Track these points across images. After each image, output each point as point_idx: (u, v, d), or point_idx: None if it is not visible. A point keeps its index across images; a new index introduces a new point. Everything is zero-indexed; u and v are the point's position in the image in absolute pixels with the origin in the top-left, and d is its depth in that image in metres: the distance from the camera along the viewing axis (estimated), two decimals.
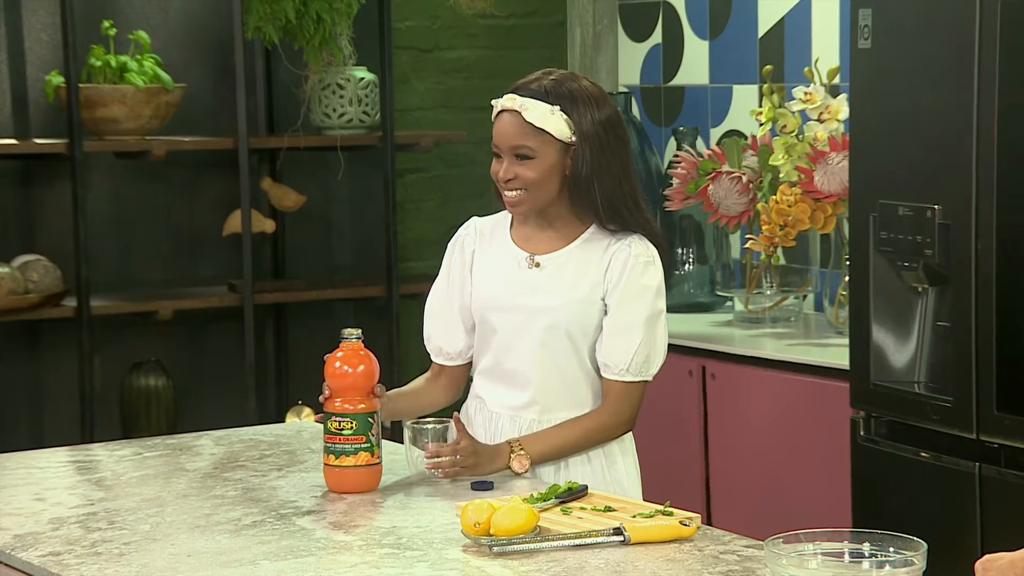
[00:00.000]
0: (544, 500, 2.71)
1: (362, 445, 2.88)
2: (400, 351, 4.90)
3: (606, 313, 3.05)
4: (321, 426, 2.93)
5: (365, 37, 4.93)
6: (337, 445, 2.88)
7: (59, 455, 3.28)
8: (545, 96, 3.04)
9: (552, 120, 3.03)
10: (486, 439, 3.08)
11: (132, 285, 4.90)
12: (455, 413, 3.02)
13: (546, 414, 3.07)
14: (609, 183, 3.05)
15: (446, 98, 5.27)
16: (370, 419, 2.89)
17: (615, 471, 3.09)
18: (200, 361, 5.00)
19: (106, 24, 4.68)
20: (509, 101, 3.05)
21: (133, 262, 4.93)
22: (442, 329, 3.18)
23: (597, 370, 3.08)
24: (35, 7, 4.75)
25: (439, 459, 2.92)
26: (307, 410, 4.83)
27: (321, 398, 2.92)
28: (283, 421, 4.75)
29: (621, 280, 3.04)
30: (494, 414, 3.11)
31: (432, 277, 3.24)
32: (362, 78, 4.91)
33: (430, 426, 3.00)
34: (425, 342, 3.21)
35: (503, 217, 3.18)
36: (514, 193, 3.05)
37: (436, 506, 2.79)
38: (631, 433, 3.14)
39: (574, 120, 3.03)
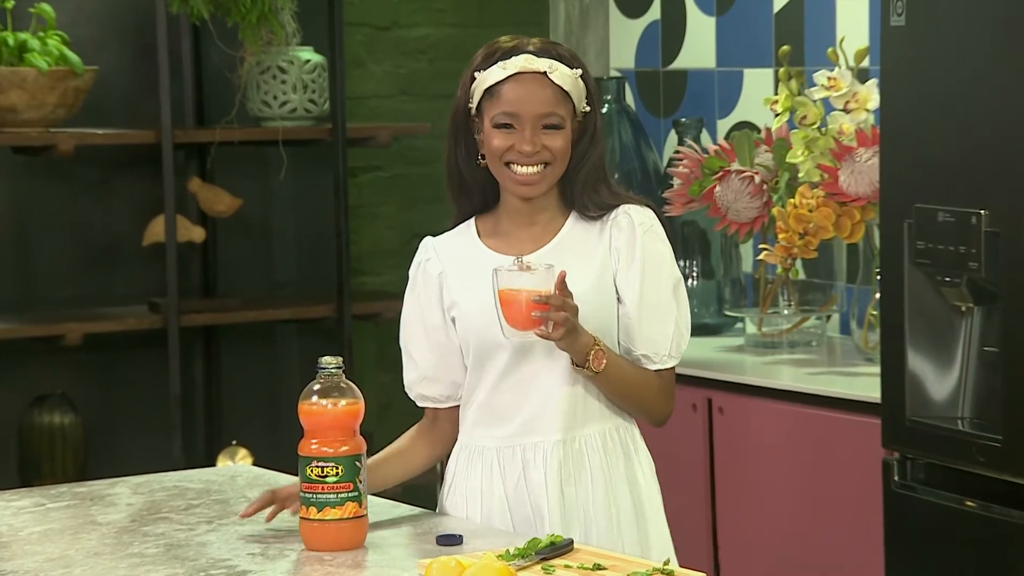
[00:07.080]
0: (522, 556, 2.71)
1: (349, 494, 2.87)
2: (355, 382, 4.88)
3: (618, 298, 3.09)
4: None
5: (311, 12, 4.93)
6: (320, 495, 2.86)
7: None
8: (562, 59, 3.09)
9: (576, 86, 3.10)
10: (502, 484, 3.09)
11: (34, 305, 4.88)
12: (562, 271, 2.99)
13: (571, 431, 3.08)
14: (602, 162, 3.14)
15: (407, 84, 5.28)
16: (357, 463, 2.88)
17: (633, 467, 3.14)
18: (115, 394, 4.98)
19: None
20: (531, 62, 3.08)
21: (35, 277, 4.92)
22: (432, 374, 3.17)
23: None
24: None
25: (548, 303, 2.93)
26: (242, 452, 4.82)
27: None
28: (214, 465, 4.74)
29: (634, 253, 3.09)
30: (503, 450, 3.10)
31: (390, 294, 3.24)
32: (308, 60, 4.91)
33: (539, 266, 2.97)
34: (408, 389, 3.20)
35: (464, 229, 3.18)
36: (535, 169, 3.07)
37: (395, 564, 2.79)
38: (640, 434, 3.18)
39: (589, 87, 3.12)
